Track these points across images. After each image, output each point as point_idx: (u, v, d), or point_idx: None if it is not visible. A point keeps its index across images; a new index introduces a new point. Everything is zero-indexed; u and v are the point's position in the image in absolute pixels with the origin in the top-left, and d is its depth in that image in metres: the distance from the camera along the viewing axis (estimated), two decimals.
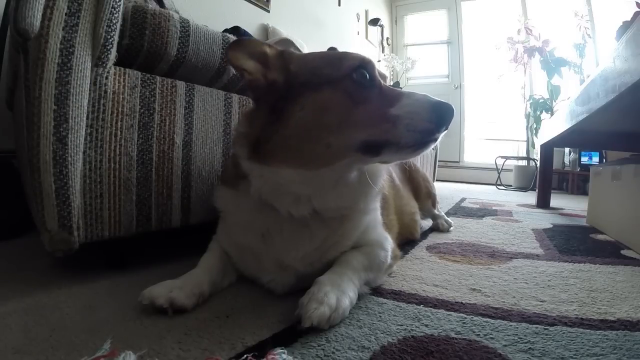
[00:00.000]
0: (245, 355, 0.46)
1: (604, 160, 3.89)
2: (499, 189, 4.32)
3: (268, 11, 3.11)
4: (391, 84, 5.19)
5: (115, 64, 0.77)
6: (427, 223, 1.54)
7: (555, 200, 2.79)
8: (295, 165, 0.64)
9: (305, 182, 0.66)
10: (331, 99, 0.63)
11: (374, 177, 0.73)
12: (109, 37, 0.73)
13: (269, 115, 0.65)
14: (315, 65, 0.67)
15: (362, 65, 0.65)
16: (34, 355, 0.50)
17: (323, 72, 0.65)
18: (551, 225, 1.71)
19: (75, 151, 0.70)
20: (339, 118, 0.63)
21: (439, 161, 3.82)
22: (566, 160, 4.54)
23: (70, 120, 0.69)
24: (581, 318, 0.66)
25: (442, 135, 0.65)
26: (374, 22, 4.69)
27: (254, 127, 0.67)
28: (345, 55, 0.68)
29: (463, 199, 2.76)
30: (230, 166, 0.78)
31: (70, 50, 0.68)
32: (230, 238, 0.77)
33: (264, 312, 0.65)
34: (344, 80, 0.64)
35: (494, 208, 2.30)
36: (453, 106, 0.64)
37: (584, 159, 4.29)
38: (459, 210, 2.14)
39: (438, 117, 0.62)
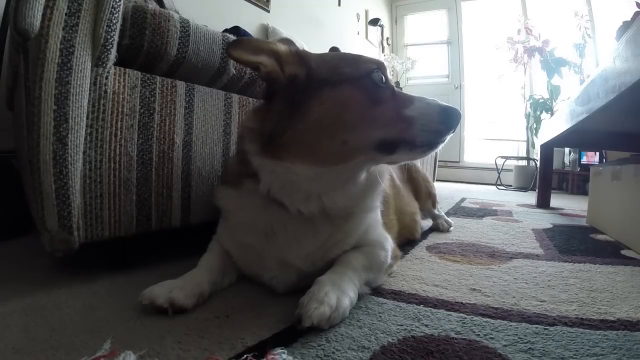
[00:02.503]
0: (245, 355, 0.46)
1: (604, 160, 3.89)
2: (499, 189, 4.32)
3: (268, 11, 3.11)
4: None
5: (115, 64, 0.77)
6: (427, 223, 1.54)
7: (555, 200, 2.79)
8: (309, 162, 0.65)
9: (318, 179, 0.67)
10: (352, 96, 0.65)
11: (380, 177, 0.75)
12: (109, 37, 0.73)
13: (285, 109, 0.66)
14: (335, 63, 0.69)
15: (379, 68, 0.68)
16: (34, 355, 0.50)
17: (343, 70, 0.67)
18: (551, 225, 1.71)
19: (75, 151, 0.70)
20: (357, 115, 0.65)
21: (439, 161, 3.81)
22: (566, 160, 4.54)
23: (70, 120, 0.69)
24: (581, 318, 0.66)
25: (448, 137, 0.68)
26: (374, 22, 4.68)
27: (267, 121, 0.67)
28: (362, 57, 0.70)
29: (463, 199, 2.76)
30: (235, 164, 0.78)
31: (70, 50, 0.68)
32: (233, 237, 0.77)
33: (264, 312, 0.65)
34: (364, 80, 0.67)
35: (494, 208, 2.30)
36: (460, 110, 0.68)
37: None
38: (459, 210, 2.14)
39: (448, 119, 0.67)
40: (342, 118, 0.64)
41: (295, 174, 0.66)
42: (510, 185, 4.45)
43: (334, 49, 1.02)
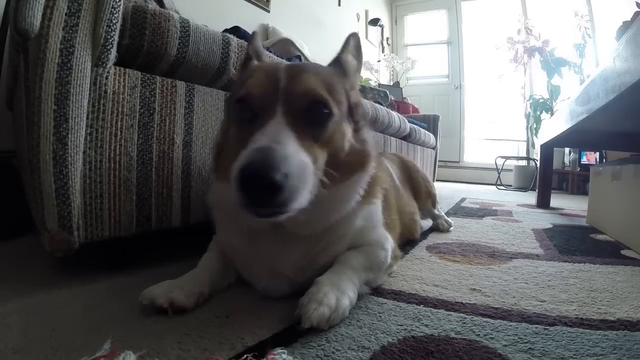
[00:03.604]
0: (245, 355, 0.46)
1: (604, 160, 3.89)
2: (499, 189, 4.33)
3: (268, 11, 3.11)
4: (391, 84, 5.14)
5: (115, 64, 0.77)
6: (427, 223, 1.54)
7: (555, 200, 2.79)
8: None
9: None
10: (226, 126, 0.63)
11: (343, 194, 0.67)
12: (109, 37, 0.73)
13: (224, 125, 0.67)
14: (241, 82, 0.65)
15: (244, 96, 0.59)
16: (34, 355, 0.50)
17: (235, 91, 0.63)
18: (551, 225, 1.71)
19: (75, 151, 0.70)
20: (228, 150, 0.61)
21: (439, 161, 3.82)
22: (566, 160, 4.54)
23: (70, 120, 0.69)
24: (581, 318, 0.66)
25: (293, 208, 0.50)
26: (374, 22, 4.69)
27: (220, 137, 0.69)
28: (249, 80, 0.61)
29: (463, 199, 2.76)
30: None
31: (70, 50, 0.68)
32: (225, 237, 0.77)
33: (263, 312, 0.65)
34: (233, 107, 0.61)
35: (494, 208, 2.30)
36: (261, 171, 0.45)
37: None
38: (459, 210, 2.14)
39: (245, 189, 0.47)
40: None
41: (227, 193, 0.59)
42: (510, 185, 4.45)
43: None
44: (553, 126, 2.20)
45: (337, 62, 0.73)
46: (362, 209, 0.73)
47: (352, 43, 0.75)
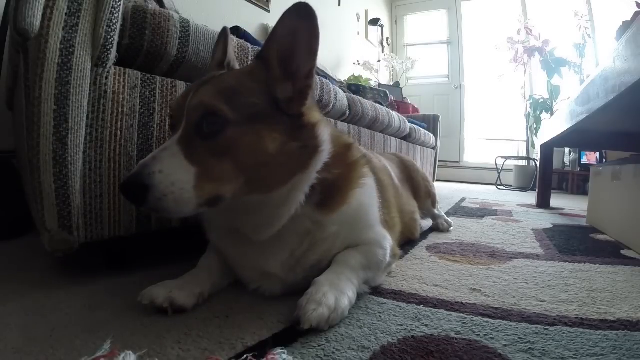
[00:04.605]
0: (245, 355, 0.46)
1: (604, 160, 3.90)
2: (499, 189, 4.33)
3: (268, 11, 3.11)
4: (391, 84, 5.14)
5: (115, 64, 0.77)
6: (427, 223, 1.54)
7: (555, 200, 2.79)
8: None
9: None
10: None
11: (283, 198, 0.65)
12: (109, 37, 0.73)
13: None
14: None
15: (169, 115, 0.69)
16: (34, 355, 0.50)
17: None
18: (551, 225, 1.71)
19: (75, 151, 0.70)
20: None
21: (439, 161, 3.82)
22: (566, 160, 4.55)
23: (70, 120, 0.69)
24: (581, 318, 0.66)
25: (169, 212, 0.56)
26: (374, 22, 4.70)
27: None
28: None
29: (463, 199, 2.76)
30: None
31: (70, 50, 0.68)
32: (214, 239, 0.77)
33: (264, 312, 0.65)
34: None
35: (494, 208, 2.30)
36: (127, 183, 0.54)
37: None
38: (459, 210, 2.14)
39: (120, 191, 0.60)
40: None
41: None
42: (510, 185, 4.45)
43: None
44: (553, 126, 2.20)
45: (258, 57, 0.65)
46: (329, 215, 0.70)
47: (279, 31, 0.64)
